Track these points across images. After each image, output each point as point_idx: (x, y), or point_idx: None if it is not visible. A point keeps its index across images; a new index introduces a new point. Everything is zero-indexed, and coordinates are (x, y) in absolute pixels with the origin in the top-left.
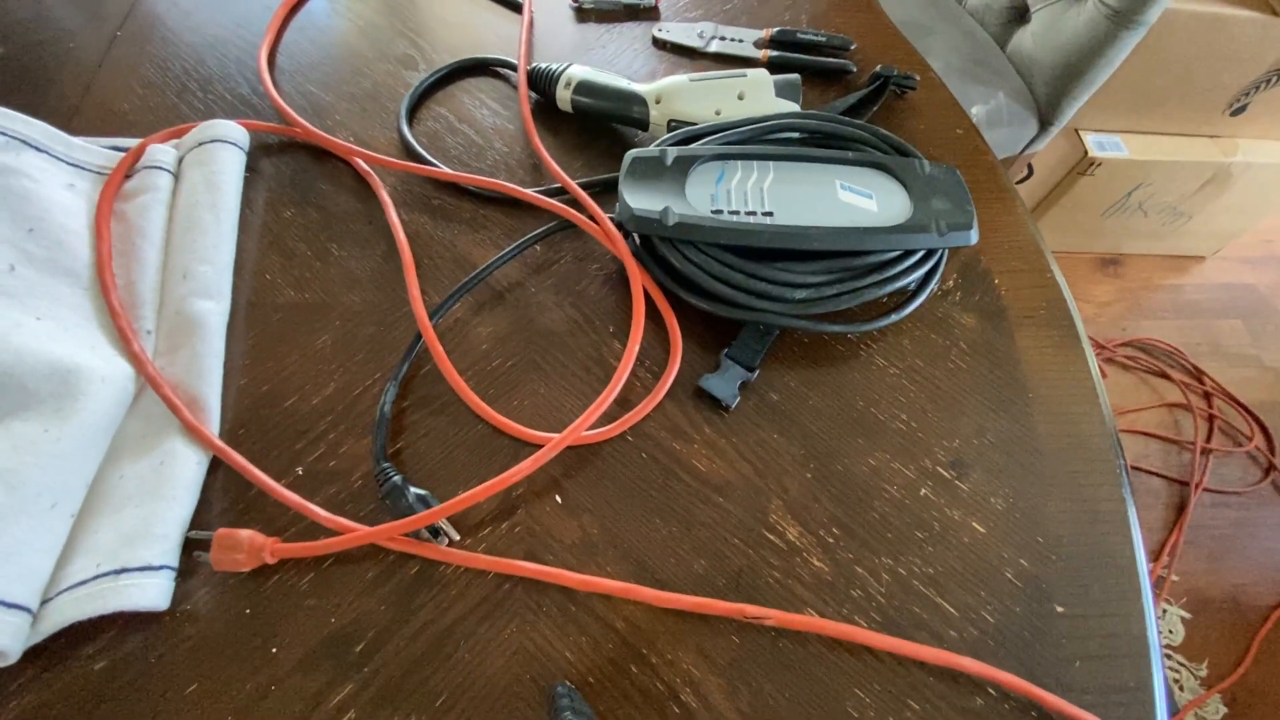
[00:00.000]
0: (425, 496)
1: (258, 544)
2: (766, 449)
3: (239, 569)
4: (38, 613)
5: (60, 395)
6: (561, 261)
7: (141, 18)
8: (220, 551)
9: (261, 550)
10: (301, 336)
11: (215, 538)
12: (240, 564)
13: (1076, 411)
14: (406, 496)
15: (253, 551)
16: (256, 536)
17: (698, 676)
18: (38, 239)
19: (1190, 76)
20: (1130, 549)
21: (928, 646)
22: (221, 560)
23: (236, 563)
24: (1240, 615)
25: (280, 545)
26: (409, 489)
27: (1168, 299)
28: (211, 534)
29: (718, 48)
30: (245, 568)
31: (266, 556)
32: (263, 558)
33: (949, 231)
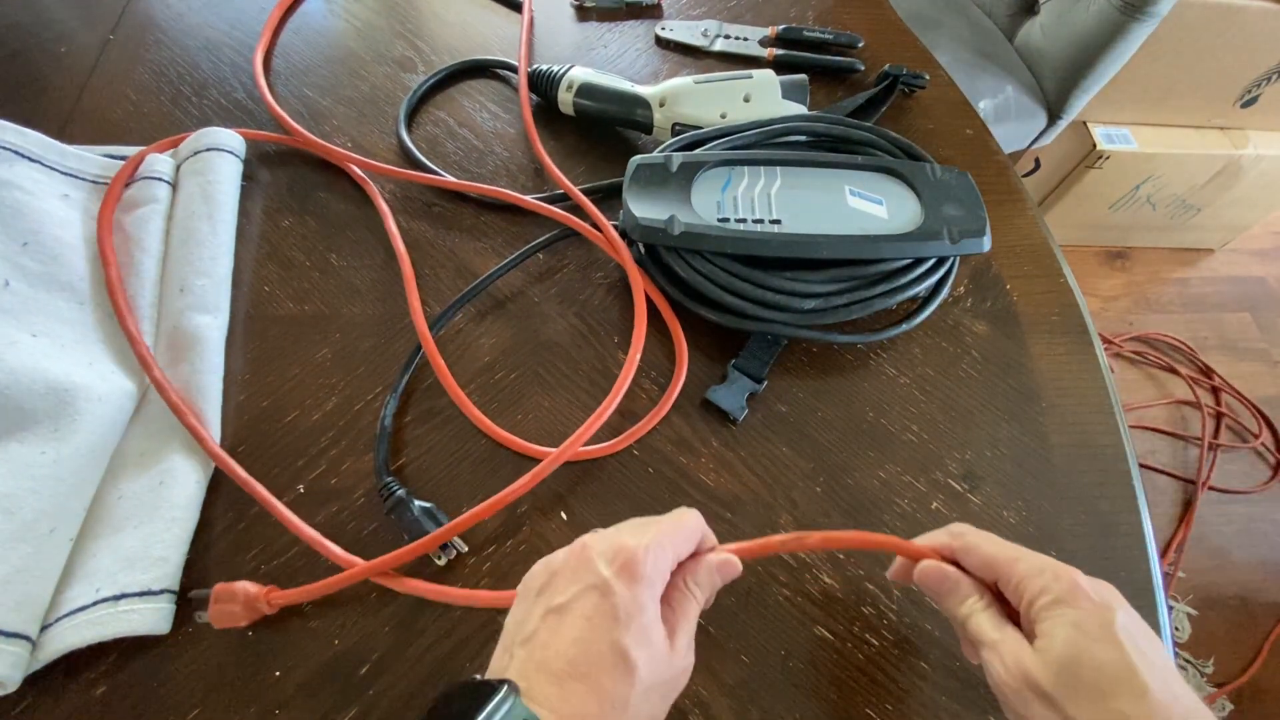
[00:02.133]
0: (431, 509)
1: (252, 595)
2: (775, 462)
3: (236, 623)
4: (37, 640)
5: (57, 415)
6: (565, 270)
7: (134, 21)
8: (219, 607)
9: (257, 600)
10: (301, 349)
11: (214, 593)
12: (237, 618)
13: (1090, 421)
14: (412, 509)
15: (248, 603)
16: (250, 587)
17: (706, 697)
18: (33, 253)
19: (1200, 68)
20: (1146, 563)
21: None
22: (220, 616)
23: (233, 617)
24: (1247, 612)
25: (278, 593)
26: (414, 502)
27: (1175, 292)
28: (209, 591)
29: (722, 46)
30: (242, 622)
31: (263, 607)
32: (259, 609)
33: (961, 239)
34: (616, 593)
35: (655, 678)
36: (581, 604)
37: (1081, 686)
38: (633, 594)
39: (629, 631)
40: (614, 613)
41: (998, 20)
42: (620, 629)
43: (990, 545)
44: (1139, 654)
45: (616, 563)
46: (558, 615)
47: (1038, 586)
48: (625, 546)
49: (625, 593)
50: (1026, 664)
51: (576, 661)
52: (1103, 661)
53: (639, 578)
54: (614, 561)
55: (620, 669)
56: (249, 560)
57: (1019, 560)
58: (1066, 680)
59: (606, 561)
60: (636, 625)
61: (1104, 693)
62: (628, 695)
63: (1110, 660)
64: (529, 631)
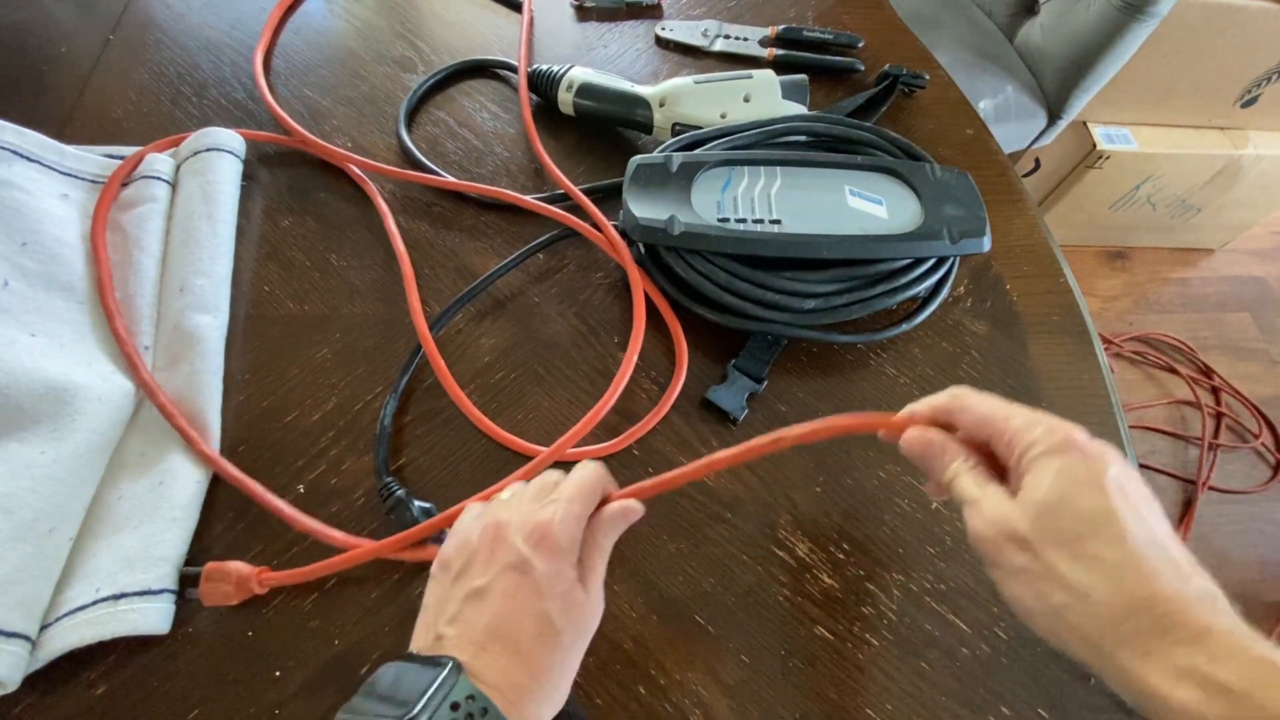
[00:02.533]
0: (430, 509)
1: (244, 574)
2: (775, 463)
3: (228, 602)
4: (37, 640)
5: (56, 416)
6: (565, 270)
7: (135, 20)
8: (209, 584)
9: (249, 581)
10: (301, 350)
11: (205, 571)
12: (229, 596)
13: (1090, 422)
14: (411, 510)
15: (240, 583)
16: (243, 567)
17: (706, 697)
18: (31, 253)
19: (1200, 68)
20: None
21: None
22: (211, 594)
23: (225, 595)
24: (1247, 612)
25: (269, 574)
26: (413, 502)
27: (1175, 292)
28: (200, 569)
29: (722, 46)
30: (234, 600)
31: (255, 587)
32: (250, 588)
33: (961, 239)
34: (536, 568)
35: (577, 634)
36: (503, 582)
37: (1060, 529)
38: (553, 567)
39: (552, 602)
40: (536, 587)
41: (998, 20)
42: (544, 601)
43: (986, 403)
44: (1126, 504)
45: (533, 539)
46: (479, 596)
47: (1029, 439)
48: (540, 523)
49: (545, 567)
50: (1005, 511)
51: (504, 637)
52: (1084, 507)
53: (557, 551)
54: (530, 538)
55: (546, 637)
56: (249, 560)
57: (1013, 416)
58: (1045, 524)
59: (523, 538)
60: (557, 594)
61: (1080, 535)
62: (552, 661)
63: (1092, 506)
64: (453, 613)
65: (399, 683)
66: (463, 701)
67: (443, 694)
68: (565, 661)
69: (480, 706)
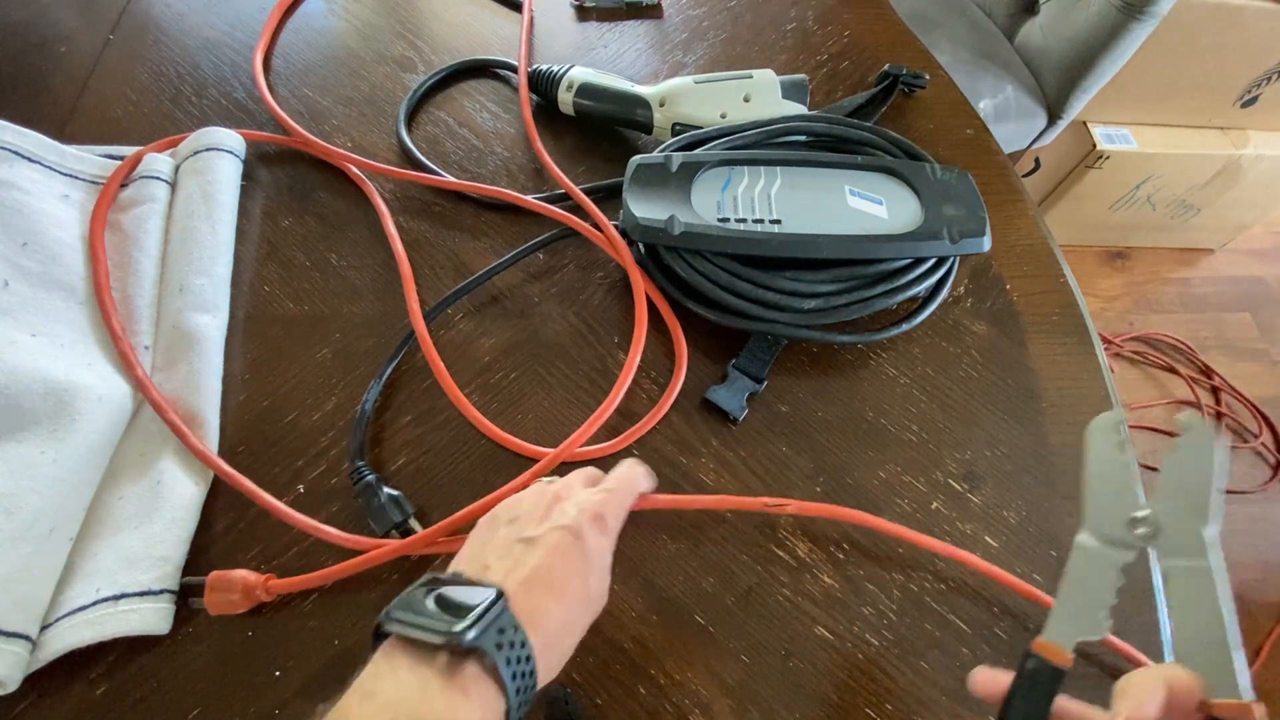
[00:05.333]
0: (397, 498)
1: (251, 583)
2: (775, 462)
3: (234, 611)
4: (37, 639)
5: (56, 416)
6: (565, 269)
7: (134, 21)
8: (214, 594)
9: (255, 589)
10: (301, 350)
11: (209, 581)
12: (235, 605)
13: (1090, 421)
14: (379, 495)
15: (246, 592)
16: (249, 575)
17: (706, 697)
18: (32, 253)
19: (1200, 68)
20: (1145, 563)
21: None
22: (216, 604)
23: (231, 605)
24: (1247, 613)
25: (276, 582)
26: (383, 488)
27: (1175, 292)
28: (204, 579)
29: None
30: (240, 609)
31: (261, 595)
32: (257, 596)
33: (961, 239)
34: (588, 539)
35: (597, 612)
36: (555, 538)
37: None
38: (601, 544)
39: (593, 572)
40: (584, 554)
41: (998, 20)
42: (587, 568)
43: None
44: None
45: (588, 514)
46: (531, 543)
47: None
48: (595, 502)
49: (594, 541)
50: None
51: (548, 584)
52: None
53: (606, 531)
54: (585, 512)
55: (580, 599)
56: (249, 560)
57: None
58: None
59: (578, 511)
60: (598, 567)
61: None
62: (580, 620)
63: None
64: (502, 551)
65: (447, 596)
66: (507, 629)
67: (491, 618)
68: (579, 632)
69: (520, 639)
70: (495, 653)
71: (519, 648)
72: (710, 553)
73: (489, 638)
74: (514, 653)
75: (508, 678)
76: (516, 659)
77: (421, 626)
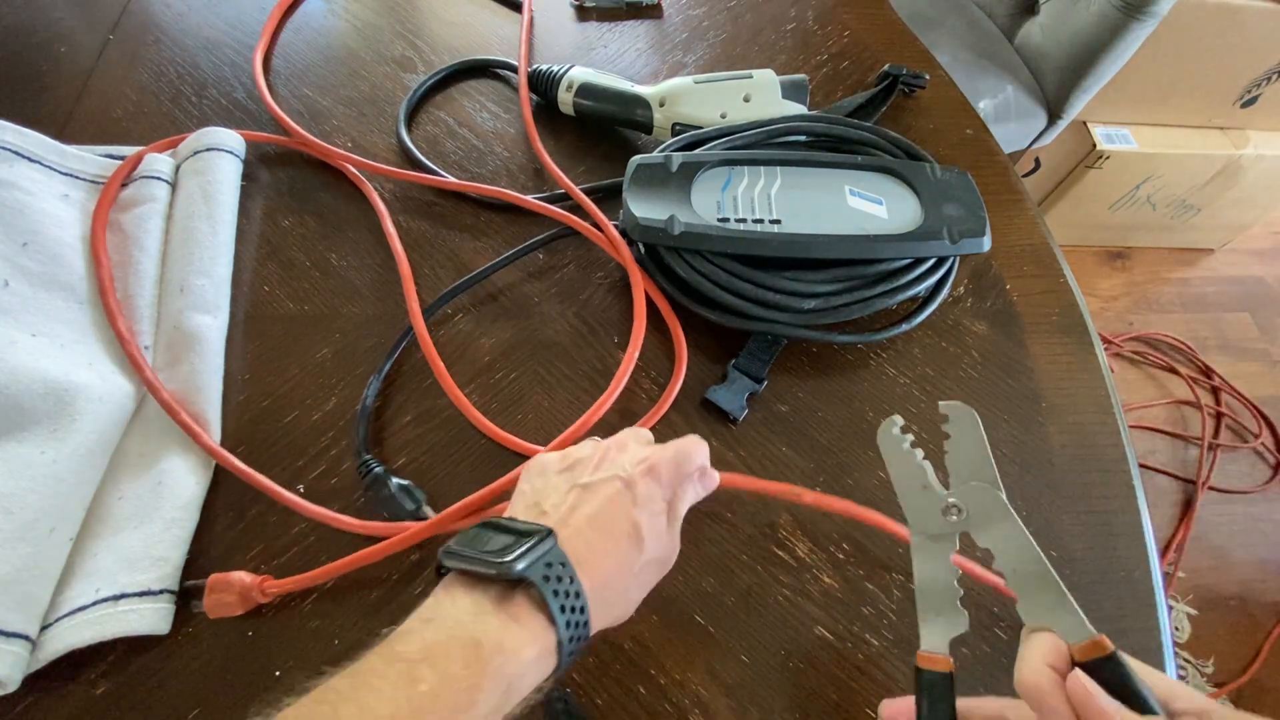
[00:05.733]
0: (408, 487)
1: (247, 584)
2: (775, 462)
3: (232, 613)
4: (37, 640)
5: (56, 416)
6: (565, 269)
7: (134, 21)
8: (212, 596)
9: (252, 590)
10: (301, 349)
11: (208, 584)
12: (232, 607)
13: (1090, 421)
14: (389, 486)
15: (243, 593)
16: (245, 577)
17: (706, 697)
18: (32, 253)
19: (1200, 68)
20: (1146, 563)
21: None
22: (215, 606)
23: (229, 607)
24: (1247, 612)
25: (272, 583)
26: (391, 479)
27: (1175, 292)
28: (204, 581)
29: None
30: (238, 611)
31: (258, 596)
32: (254, 599)
33: (961, 239)
34: (639, 485)
35: (655, 553)
36: (607, 488)
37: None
38: (652, 490)
39: (643, 514)
40: (634, 499)
41: (998, 20)
42: (638, 511)
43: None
44: None
45: (643, 466)
46: (585, 490)
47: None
48: (647, 456)
49: (645, 488)
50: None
51: (601, 526)
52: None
53: (658, 479)
54: (638, 465)
55: (634, 539)
56: (249, 560)
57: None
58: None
59: (633, 463)
60: (649, 511)
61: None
62: (635, 561)
63: None
64: (556, 498)
65: (498, 536)
66: (555, 564)
67: (538, 553)
68: (638, 576)
69: (569, 574)
70: (543, 584)
71: (567, 582)
72: (710, 553)
73: (536, 569)
74: (561, 586)
75: (555, 609)
76: (564, 593)
77: (475, 559)
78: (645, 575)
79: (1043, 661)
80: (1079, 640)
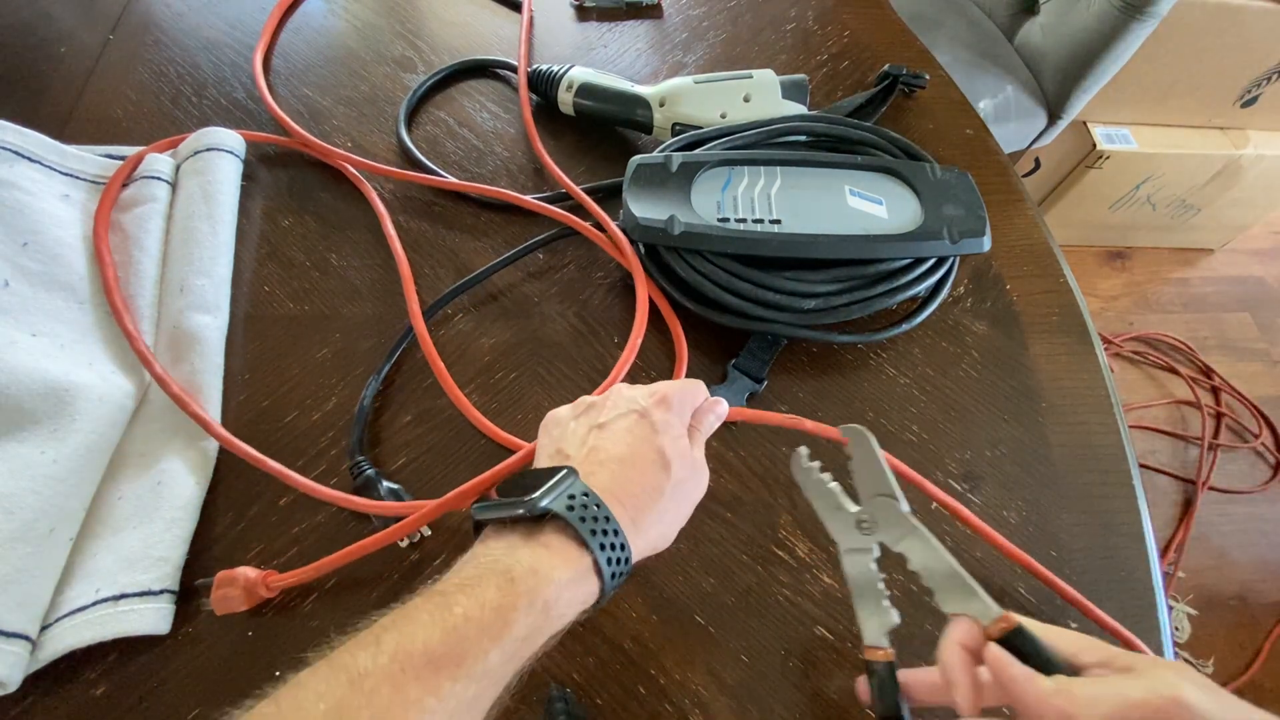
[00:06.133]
0: (398, 491)
1: (251, 579)
2: (775, 462)
3: (237, 608)
4: (37, 640)
5: (57, 416)
6: (565, 269)
7: (134, 21)
8: (218, 592)
9: (256, 585)
10: (301, 349)
11: (215, 580)
12: (237, 603)
13: (1090, 421)
14: (379, 490)
15: (248, 588)
16: (249, 572)
17: (706, 697)
18: (32, 253)
19: (1200, 68)
20: (1145, 562)
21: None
22: (220, 603)
23: (233, 602)
24: (1247, 612)
25: (276, 576)
26: (382, 482)
27: (1175, 292)
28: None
29: None
30: (243, 606)
31: (262, 591)
32: (259, 594)
33: (961, 239)
34: (654, 414)
35: (682, 473)
36: (624, 421)
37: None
38: (668, 417)
39: (665, 438)
40: (653, 426)
41: (998, 20)
42: (659, 436)
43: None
44: None
45: (654, 398)
46: (603, 429)
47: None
48: (656, 388)
49: (660, 415)
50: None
51: (624, 458)
52: None
53: (671, 407)
54: (650, 397)
55: (659, 463)
56: (249, 560)
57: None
58: None
59: (644, 396)
60: (670, 435)
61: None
62: (664, 484)
63: None
64: (576, 441)
65: (521, 483)
66: (578, 495)
67: (561, 489)
68: (672, 499)
69: (594, 501)
70: (568, 514)
71: (594, 508)
72: (710, 552)
73: (559, 502)
74: (588, 513)
75: (586, 534)
76: (593, 518)
77: (503, 506)
78: (678, 498)
79: (955, 642)
80: (991, 620)
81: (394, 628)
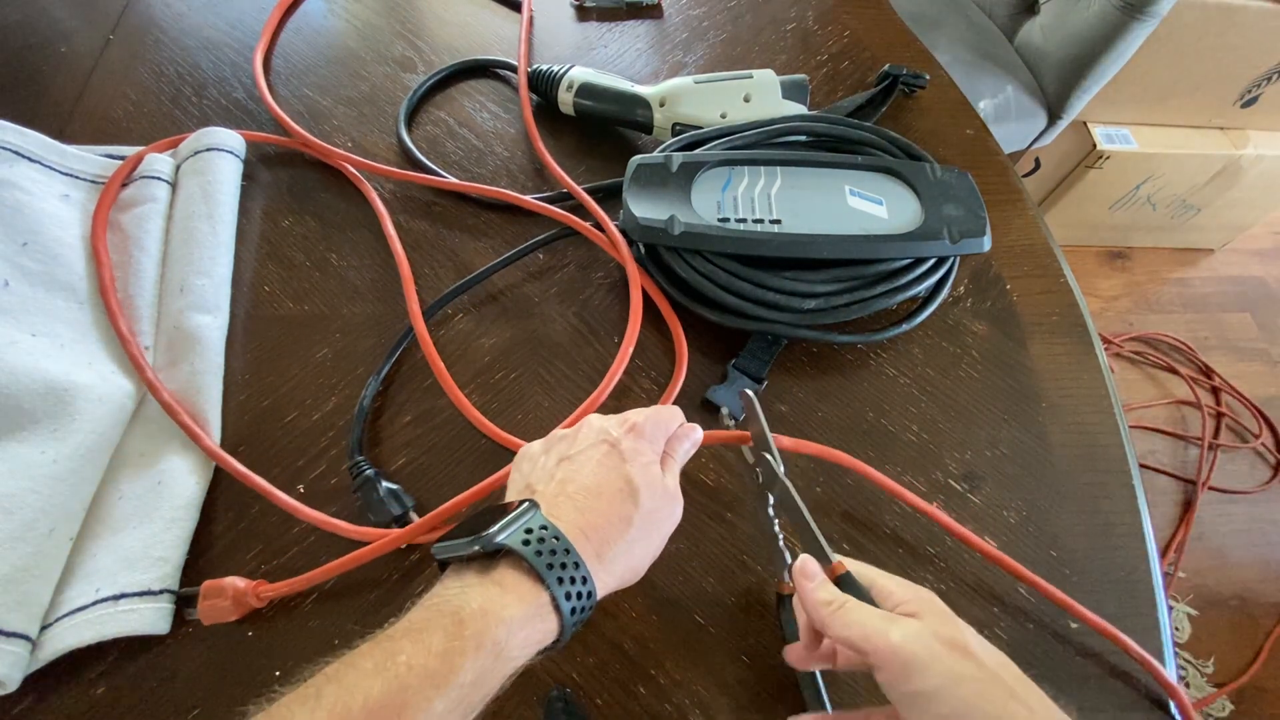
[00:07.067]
0: (397, 491)
1: (241, 590)
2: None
3: (227, 618)
4: (37, 639)
5: (56, 415)
6: (565, 269)
7: (134, 21)
8: (206, 603)
9: (245, 596)
10: (301, 349)
11: (202, 590)
12: (227, 613)
13: (1090, 421)
14: (379, 490)
15: (237, 598)
16: (239, 582)
17: (706, 697)
18: (32, 253)
19: (1201, 68)
20: (1146, 563)
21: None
22: (209, 612)
23: (224, 611)
24: (1247, 612)
25: (266, 587)
26: (381, 482)
27: (1175, 292)
28: (198, 589)
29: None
30: (233, 616)
31: (252, 601)
32: (249, 604)
33: (961, 239)
34: (623, 443)
35: (653, 503)
36: (594, 452)
37: None
38: (638, 445)
39: (633, 466)
40: (622, 455)
41: (998, 20)
42: (627, 465)
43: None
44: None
45: (624, 426)
46: (571, 461)
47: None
48: (626, 417)
49: (630, 444)
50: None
51: (591, 489)
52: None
53: (642, 434)
54: (621, 425)
55: (626, 492)
56: (249, 560)
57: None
58: None
59: (615, 426)
60: (639, 463)
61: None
62: (632, 514)
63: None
64: (544, 475)
65: (481, 519)
66: (536, 529)
67: (519, 523)
68: (640, 530)
69: (552, 534)
70: (523, 549)
71: (551, 542)
72: (710, 553)
73: (515, 537)
74: (545, 546)
75: (541, 568)
76: (551, 551)
77: (459, 542)
78: (648, 528)
79: (797, 570)
80: (827, 566)
81: (335, 679)
